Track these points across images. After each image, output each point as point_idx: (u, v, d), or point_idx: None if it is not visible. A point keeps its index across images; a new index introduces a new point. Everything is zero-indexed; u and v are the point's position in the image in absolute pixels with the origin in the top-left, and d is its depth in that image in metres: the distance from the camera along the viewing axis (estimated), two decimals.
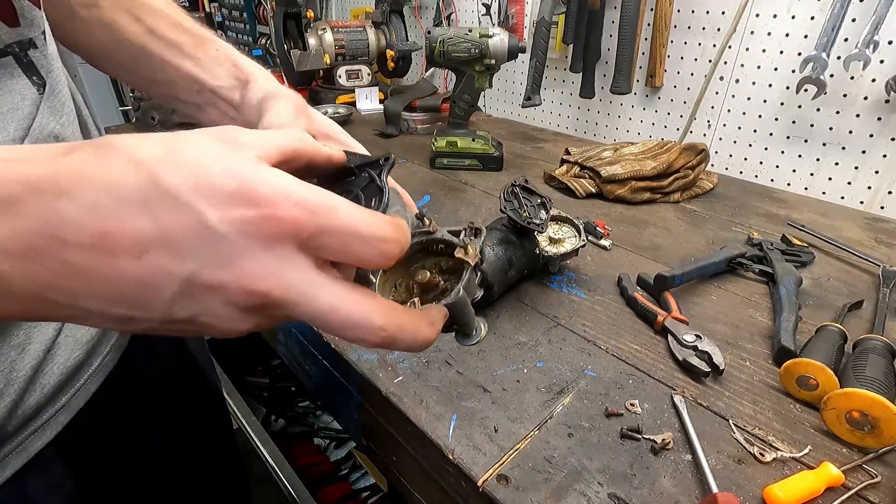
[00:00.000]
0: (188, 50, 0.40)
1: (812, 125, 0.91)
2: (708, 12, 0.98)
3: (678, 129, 1.09)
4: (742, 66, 0.97)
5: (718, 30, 0.97)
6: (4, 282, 0.18)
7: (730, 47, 0.96)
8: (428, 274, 0.30)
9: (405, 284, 0.31)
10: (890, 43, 0.79)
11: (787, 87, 0.92)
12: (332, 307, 0.21)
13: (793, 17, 0.88)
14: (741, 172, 1.04)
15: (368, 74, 1.38)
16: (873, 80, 0.82)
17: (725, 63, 0.98)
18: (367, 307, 0.21)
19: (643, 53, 1.09)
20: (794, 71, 0.90)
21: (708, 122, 1.05)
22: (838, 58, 0.81)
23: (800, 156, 0.95)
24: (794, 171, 0.96)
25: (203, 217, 0.18)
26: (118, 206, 0.18)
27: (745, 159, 1.02)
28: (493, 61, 0.96)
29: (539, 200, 0.60)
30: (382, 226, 0.21)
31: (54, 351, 0.36)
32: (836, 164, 0.90)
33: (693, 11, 1.00)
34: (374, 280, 0.30)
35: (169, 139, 0.19)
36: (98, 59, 0.45)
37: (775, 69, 0.93)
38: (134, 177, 0.18)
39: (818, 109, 0.90)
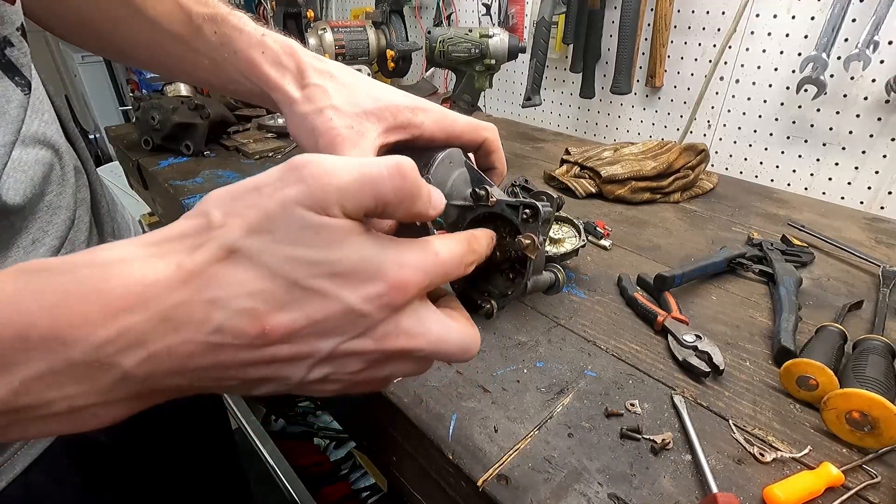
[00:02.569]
0: (193, 44, 0.38)
1: (812, 125, 0.91)
2: (708, 12, 0.98)
3: (678, 129, 1.09)
4: (742, 66, 0.97)
5: (718, 30, 0.97)
6: (164, 391, 0.21)
7: (730, 47, 0.96)
8: (498, 255, 0.33)
9: None
10: (890, 43, 0.79)
11: (788, 88, 0.92)
12: (441, 339, 0.24)
13: (793, 18, 0.88)
14: (741, 172, 1.04)
15: (369, 74, 1.38)
16: (873, 81, 0.82)
17: (725, 63, 0.98)
18: (463, 332, 0.26)
19: (643, 53, 1.09)
20: (794, 71, 0.90)
21: (708, 122, 1.05)
22: (838, 58, 0.81)
23: (800, 156, 0.95)
24: (794, 171, 0.96)
25: (345, 302, 0.21)
26: (269, 308, 0.20)
27: (745, 159, 1.02)
28: (493, 61, 0.96)
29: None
30: (469, 252, 0.26)
31: None
32: (836, 164, 0.90)
33: (693, 11, 1.00)
34: None
35: (270, 220, 0.20)
36: (117, 56, 0.43)
37: (775, 69, 0.93)
38: (275, 284, 0.20)
39: (818, 110, 0.90)
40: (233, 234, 0.20)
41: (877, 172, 0.86)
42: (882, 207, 0.87)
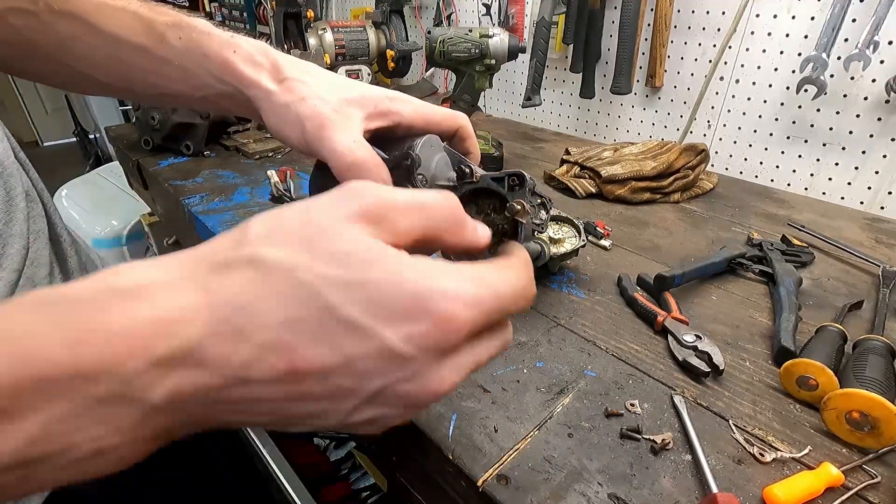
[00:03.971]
0: (157, 52, 0.36)
1: (812, 125, 0.91)
2: (708, 12, 0.98)
3: (678, 130, 1.09)
4: (742, 66, 0.97)
5: (718, 30, 0.97)
6: (188, 426, 0.19)
7: (730, 47, 0.96)
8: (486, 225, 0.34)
9: None
10: (890, 43, 0.79)
11: (788, 88, 0.92)
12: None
13: (793, 18, 0.88)
14: (741, 172, 1.04)
15: (369, 74, 1.38)
16: (873, 81, 0.82)
17: (725, 63, 0.98)
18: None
19: (643, 53, 1.09)
20: (794, 71, 0.90)
21: (708, 122, 1.05)
22: (838, 58, 0.81)
23: (800, 156, 0.95)
24: (794, 171, 0.96)
25: (384, 341, 0.18)
26: (300, 340, 0.18)
27: (746, 159, 1.02)
28: (493, 61, 0.96)
29: (539, 200, 0.60)
30: (527, 285, 0.23)
31: None
32: (836, 164, 0.90)
33: (693, 11, 1.00)
34: None
35: (312, 236, 0.19)
36: (62, 80, 0.40)
37: (775, 69, 0.93)
38: (307, 310, 0.18)
39: (818, 110, 0.89)
40: (271, 250, 0.18)
41: (877, 172, 0.86)
42: (882, 207, 0.87)
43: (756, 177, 1.02)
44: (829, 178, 0.92)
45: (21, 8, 0.35)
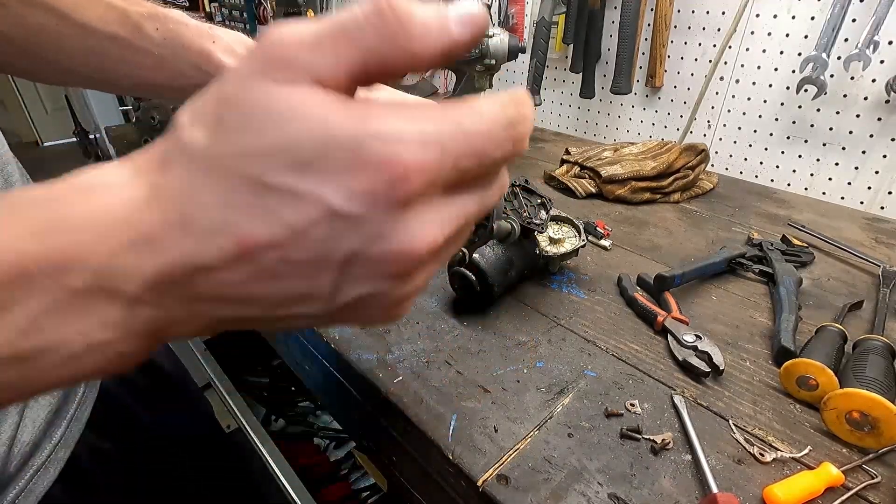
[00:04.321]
0: (135, 42, 0.36)
1: (812, 125, 0.91)
2: (708, 12, 0.98)
3: (678, 129, 1.09)
4: (742, 66, 0.97)
5: (718, 30, 0.97)
6: (180, 322, 0.19)
7: (730, 47, 0.96)
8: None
9: None
10: (890, 43, 0.79)
11: (788, 88, 0.92)
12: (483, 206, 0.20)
13: (793, 18, 0.88)
14: (741, 172, 1.04)
15: None
16: (873, 81, 0.82)
17: (725, 63, 0.98)
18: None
19: (643, 53, 1.09)
20: (794, 71, 0.90)
21: (708, 122, 1.05)
22: (838, 58, 0.81)
23: (800, 156, 0.95)
24: (794, 171, 0.96)
25: (323, 201, 0.16)
26: (238, 218, 0.17)
27: (746, 159, 1.02)
28: (493, 61, 0.96)
29: (539, 200, 0.60)
30: (514, 121, 0.19)
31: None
32: (836, 164, 0.90)
33: (693, 11, 1.00)
34: None
35: (222, 109, 0.17)
36: (35, 72, 0.39)
37: (775, 69, 0.93)
38: (235, 186, 0.17)
39: (818, 110, 0.90)
40: (193, 134, 0.17)
41: (877, 172, 0.86)
42: (882, 207, 0.87)
43: (756, 177, 1.02)
44: (829, 178, 0.92)
45: None
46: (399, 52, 0.17)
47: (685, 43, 1.03)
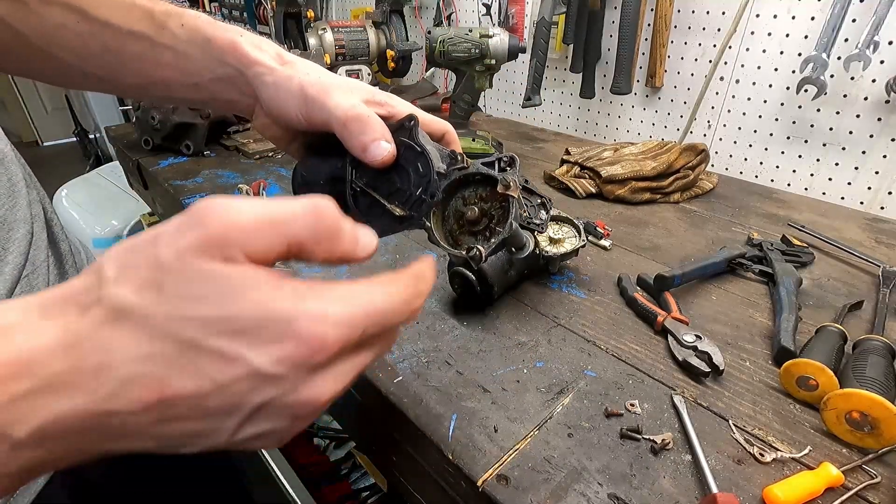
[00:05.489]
0: (157, 38, 0.36)
1: (812, 125, 0.91)
2: (708, 12, 0.98)
3: (678, 130, 1.09)
4: (742, 66, 0.97)
5: (718, 30, 0.97)
6: (63, 458, 0.19)
7: (730, 47, 0.96)
8: (476, 210, 0.35)
9: (453, 215, 0.38)
10: (890, 43, 0.79)
11: (788, 88, 0.92)
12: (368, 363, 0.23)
13: (793, 18, 0.88)
14: (741, 173, 1.04)
15: (369, 74, 1.38)
16: (873, 81, 0.82)
17: (725, 63, 0.98)
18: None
19: (643, 53, 1.09)
20: (794, 71, 0.90)
21: (708, 122, 1.05)
22: (838, 58, 0.81)
23: (800, 156, 0.95)
24: (794, 171, 0.96)
25: (252, 364, 0.19)
26: (165, 372, 0.18)
27: (746, 159, 1.02)
28: (493, 61, 0.96)
29: (539, 200, 0.60)
30: (411, 300, 0.23)
31: None
32: (836, 164, 0.90)
33: (693, 11, 1.00)
34: (429, 223, 0.36)
35: (160, 277, 0.19)
36: (46, 73, 0.40)
37: (775, 69, 0.93)
38: (168, 345, 0.18)
39: (818, 110, 0.90)
40: (121, 291, 0.18)
41: (877, 172, 0.86)
42: (882, 207, 0.87)
43: (756, 177, 1.02)
44: (829, 178, 0.92)
45: None
46: (319, 250, 0.21)
47: (685, 43, 1.03)
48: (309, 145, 0.40)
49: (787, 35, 0.89)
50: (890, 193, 0.86)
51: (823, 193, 0.93)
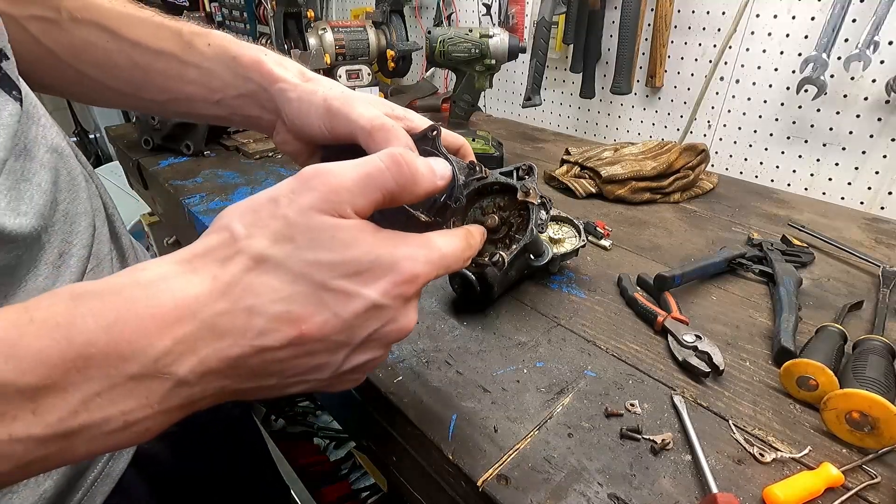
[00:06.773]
0: (184, 56, 0.38)
1: (812, 125, 0.91)
2: (708, 12, 0.98)
3: (678, 130, 1.09)
4: (742, 66, 0.97)
5: (718, 30, 0.97)
6: (209, 396, 0.22)
7: (730, 47, 0.96)
8: (496, 219, 0.36)
9: (472, 223, 0.38)
10: (890, 43, 0.79)
11: (788, 88, 0.92)
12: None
13: (793, 18, 0.88)
14: (741, 173, 1.04)
15: (369, 74, 1.38)
16: (873, 81, 0.82)
17: (725, 63, 0.98)
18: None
19: (643, 53, 1.09)
20: (794, 71, 0.90)
21: (708, 122, 1.05)
22: (838, 58, 0.81)
23: (800, 156, 0.95)
24: (794, 171, 0.96)
25: (368, 298, 0.23)
26: (304, 311, 0.22)
27: (746, 159, 1.02)
28: (493, 61, 0.96)
29: (539, 200, 0.60)
30: (466, 249, 0.29)
31: None
32: (836, 164, 0.90)
33: (693, 11, 1.00)
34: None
35: (290, 230, 0.22)
36: (69, 88, 0.41)
37: (775, 69, 0.93)
38: (304, 287, 0.22)
39: (818, 110, 0.89)
40: (259, 244, 0.22)
41: (877, 172, 0.86)
42: (882, 207, 0.87)
43: (756, 177, 1.02)
44: (829, 178, 0.92)
45: (43, 16, 0.36)
46: (405, 193, 0.26)
47: (685, 43, 1.03)
48: (327, 160, 0.40)
49: (788, 35, 0.89)
50: (890, 193, 0.86)
51: (823, 193, 0.93)
